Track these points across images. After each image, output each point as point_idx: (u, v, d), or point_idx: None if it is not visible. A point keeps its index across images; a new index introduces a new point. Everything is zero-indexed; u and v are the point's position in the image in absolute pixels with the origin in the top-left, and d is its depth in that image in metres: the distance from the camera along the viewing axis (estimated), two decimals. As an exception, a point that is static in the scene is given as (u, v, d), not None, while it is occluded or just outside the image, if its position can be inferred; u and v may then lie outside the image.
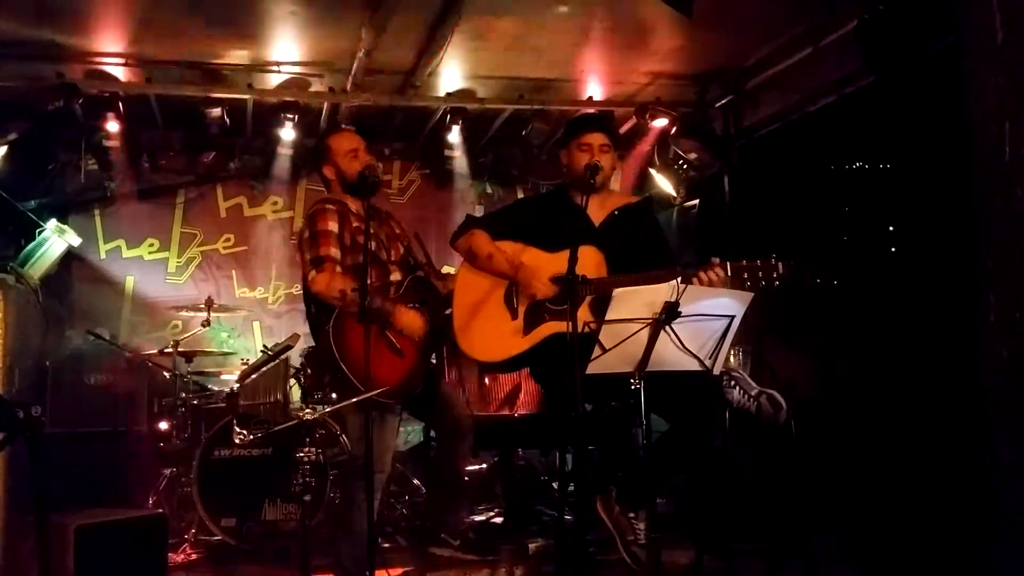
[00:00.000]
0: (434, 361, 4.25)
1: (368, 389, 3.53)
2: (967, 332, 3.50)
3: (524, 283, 3.85)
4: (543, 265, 3.83)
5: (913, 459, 4.91)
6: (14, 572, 3.96)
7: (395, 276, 4.11)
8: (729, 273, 3.50)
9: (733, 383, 3.88)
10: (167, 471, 5.49)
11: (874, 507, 5.03)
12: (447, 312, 4.05)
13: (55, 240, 6.57)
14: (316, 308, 4.01)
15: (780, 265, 3.47)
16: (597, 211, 3.99)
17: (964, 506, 4.04)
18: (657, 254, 3.93)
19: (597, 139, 3.95)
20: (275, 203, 7.77)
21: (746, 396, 3.87)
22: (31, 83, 5.94)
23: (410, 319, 3.96)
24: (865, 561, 4.56)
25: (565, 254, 3.40)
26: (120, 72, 6.17)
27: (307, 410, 4.06)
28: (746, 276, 3.48)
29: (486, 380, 5.84)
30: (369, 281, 3.90)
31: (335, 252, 3.96)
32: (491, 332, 3.87)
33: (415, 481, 6.10)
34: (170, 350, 5.77)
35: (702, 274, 3.51)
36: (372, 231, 4.08)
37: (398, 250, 4.22)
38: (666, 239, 4.17)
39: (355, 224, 4.05)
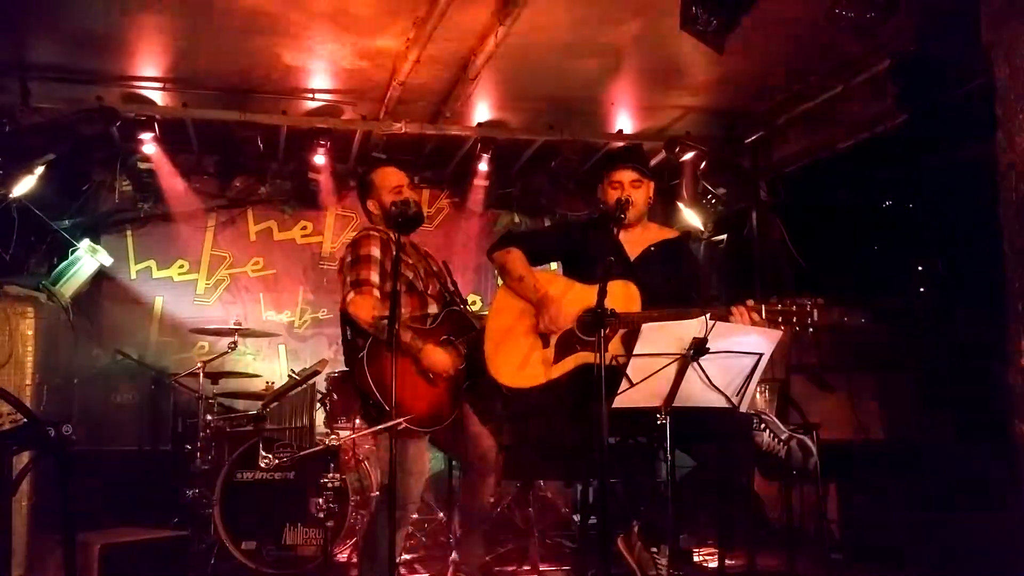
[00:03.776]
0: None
1: (394, 416, 3.53)
2: (998, 374, 3.48)
3: (541, 313, 3.85)
4: (576, 296, 3.83)
5: (943, 501, 4.86)
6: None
7: (432, 309, 4.12)
8: (763, 315, 3.49)
9: (763, 426, 3.84)
10: (190, 492, 5.51)
11: (899, 547, 4.98)
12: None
13: (87, 259, 6.66)
14: (352, 333, 4.02)
15: (816, 312, 3.45)
16: (634, 245, 4.00)
17: (992, 548, 3.98)
18: (689, 290, 3.92)
19: (627, 175, 3.95)
20: (304, 228, 7.83)
21: (776, 440, 3.83)
22: (71, 106, 6.05)
23: (438, 359, 3.94)
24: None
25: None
26: (158, 96, 6.29)
27: (332, 436, 4.08)
28: (780, 320, 3.47)
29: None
30: (406, 311, 3.91)
31: (375, 277, 3.96)
32: (521, 358, 3.85)
33: (436, 508, 6.10)
34: (197, 371, 5.81)
35: (736, 313, 3.51)
36: (411, 263, 4.10)
37: (435, 286, 4.24)
38: (699, 276, 4.14)
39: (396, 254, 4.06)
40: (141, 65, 5.88)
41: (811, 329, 3.43)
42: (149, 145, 6.55)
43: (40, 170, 6.06)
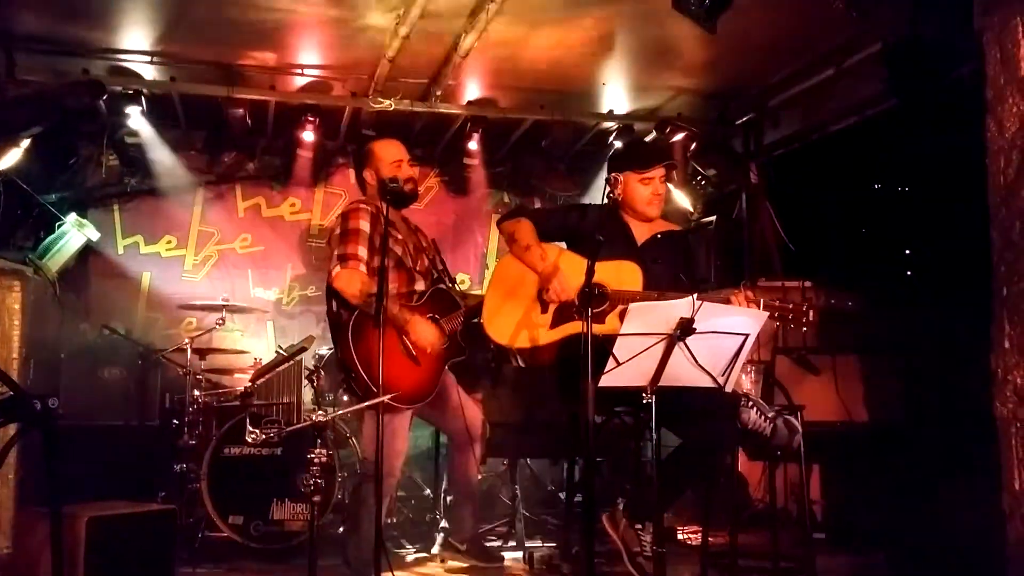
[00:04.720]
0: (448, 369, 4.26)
1: (381, 392, 3.54)
2: (982, 357, 3.50)
3: (544, 282, 3.89)
4: (580, 270, 3.86)
5: (925, 483, 4.90)
6: (26, 561, 3.98)
7: (419, 286, 4.13)
8: (761, 308, 3.54)
9: (750, 403, 3.88)
10: (177, 467, 5.51)
11: (881, 529, 5.02)
12: (475, 320, 4.09)
13: (74, 234, 6.63)
14: (337, 305, 4.03)
15: (811, 312, 3.50)
16: (642, 231, 4.10)
17: (974, 531, 4.02)
18: (690, 280, 4.01)
19: (660, 172, 4.03)
20: (293, 205, 7.80)
21: (763, 417, 3.87)
22: (57, 78, 6.00)
23: (425, 331, 3.96)
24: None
25: (604, 264, 3.51)
26: (145, 70, 6.23)
27: (319, 412, 4.07)
28: (777, 316, 3.53)
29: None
30: (394, 286, 3.93)
31: (362, 251, 3.98)
32: (518, 320, 3.92)
33: (423, 485, 6.12)
34: (184, 347, 5.80)
35: (737, 296, 3.56)
36: (401, 238, 4.10)
37: (423, 262, 4.24)
38: (694, 271, 4.19)
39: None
40: (128, 38, 5.82)
41: (804, 328, 3.49)
42: (136, 119, 6.50)
43: (26, 143, 6.01)
